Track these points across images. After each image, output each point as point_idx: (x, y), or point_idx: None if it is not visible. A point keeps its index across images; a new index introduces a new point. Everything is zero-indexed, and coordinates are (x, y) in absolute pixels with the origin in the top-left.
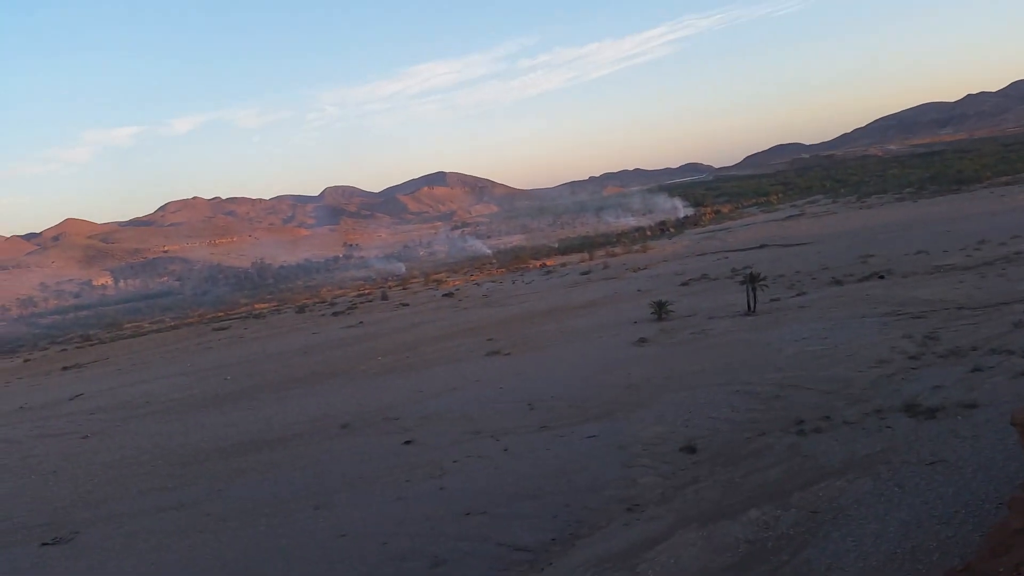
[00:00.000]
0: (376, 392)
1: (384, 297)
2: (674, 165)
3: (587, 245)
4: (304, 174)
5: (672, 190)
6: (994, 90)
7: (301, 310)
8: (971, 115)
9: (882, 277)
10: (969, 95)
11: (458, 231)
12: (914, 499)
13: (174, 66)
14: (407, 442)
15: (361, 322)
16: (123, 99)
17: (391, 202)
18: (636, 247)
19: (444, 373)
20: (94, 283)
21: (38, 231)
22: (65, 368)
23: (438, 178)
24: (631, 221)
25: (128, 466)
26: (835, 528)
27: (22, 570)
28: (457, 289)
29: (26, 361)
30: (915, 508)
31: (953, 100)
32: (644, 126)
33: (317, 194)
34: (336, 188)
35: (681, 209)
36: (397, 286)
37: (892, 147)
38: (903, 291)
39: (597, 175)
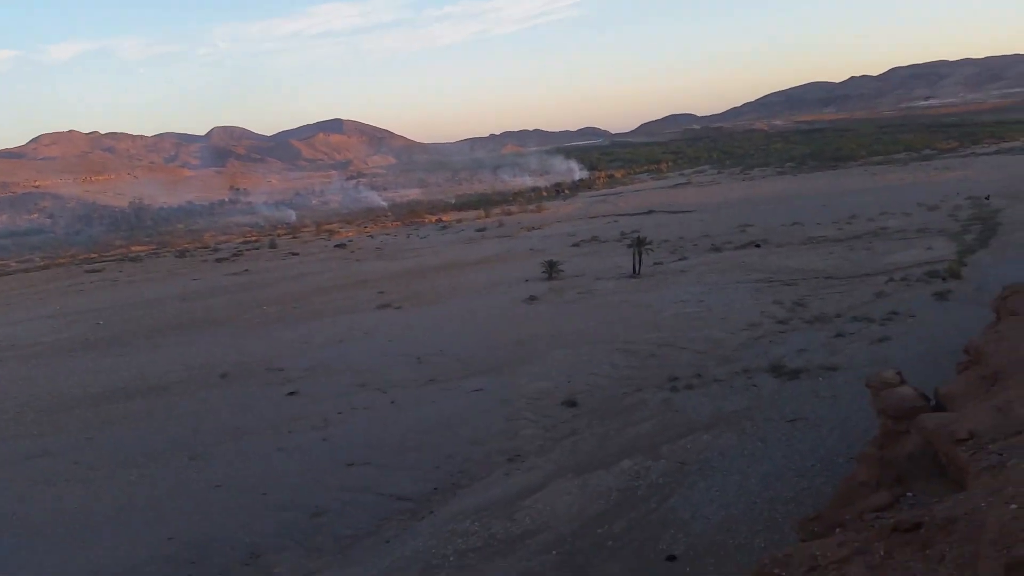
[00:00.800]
0: (260, 342)
1: (272, 245)
2: (573, 128)
3: (484, 203)
4: (190, 112)
5: (569, 153)
6: (875, 74)
7: (182, 255)
8: (853, 96)
9: (758, 246)
10: (852, 77)
11: (353, 181)
12: (775, 453)
13: None
14: (291, 393)
15: (247, 270)
16: None
17: (283, 147)
18: (531, 207)
19: (333, 325)
20: None
21: None
22: None
23: (335, 125)
24: (528, 181)
25: None
26: (701, 479)
27: None
28: (350, 240)
29: None
30: (775, 461)
31: (838, 81)
32: (545, 87)
33: (203, 134)
34: (224, 128)
35: (577, 172)
36: (287, 234)
37: (778, 123)
38: (777, 260)
39: (497, 133)
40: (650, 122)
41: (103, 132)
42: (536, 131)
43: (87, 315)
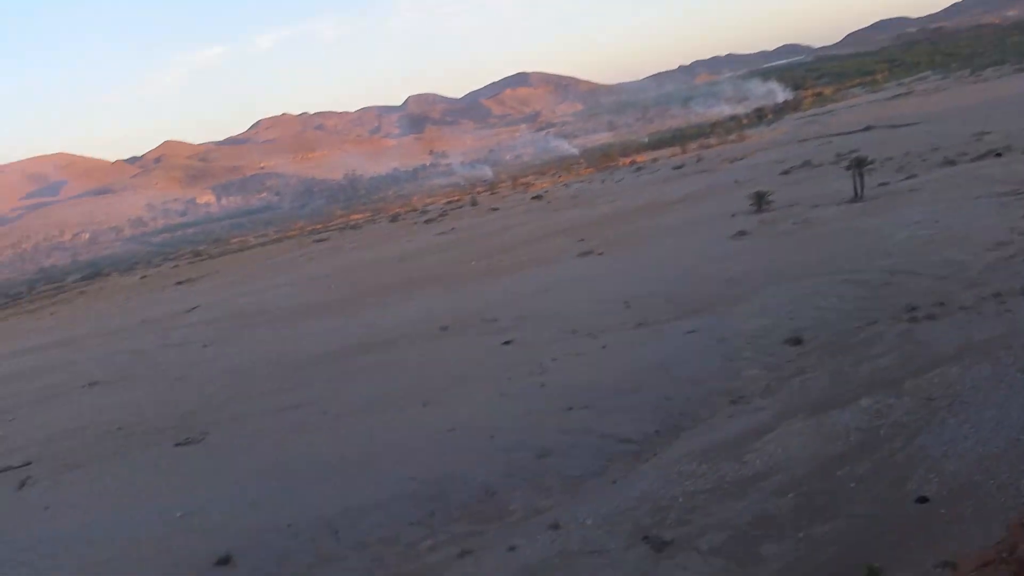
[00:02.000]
0: (472, 296)
1: (473, 203)
2: (770, 48)
3: (679, 138)
4: (386, 84)
5: (768, 74)
6: None
7: (394, 219)
8: None
9: (1000, 155)
10: None
11: (543, 132)
12: None
13: None
14: (506, 342)
15: (453, 228)
16: (206, 19)
17: (475, 107)
18: (731, 137)
19: (538, 275)
20: (198, 201)
21: (139, 154)
22: (179, 283)
23: (520, 79)
24: (725, 110)
25: (246, 371)
26: (951, 415)
27: (162, 468)
28: (545, 191)
29: (143, 278)
30: None
31: None
32: (736, 7)
33: (400, 103)
34: (418, 96)
35: (779, 94)
36: (485, 191)
37: (1011, 13)
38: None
39: (686, 64)
40: (857, 31)
41: (312, 112)
42: (729, 56)
43: (319, 280)
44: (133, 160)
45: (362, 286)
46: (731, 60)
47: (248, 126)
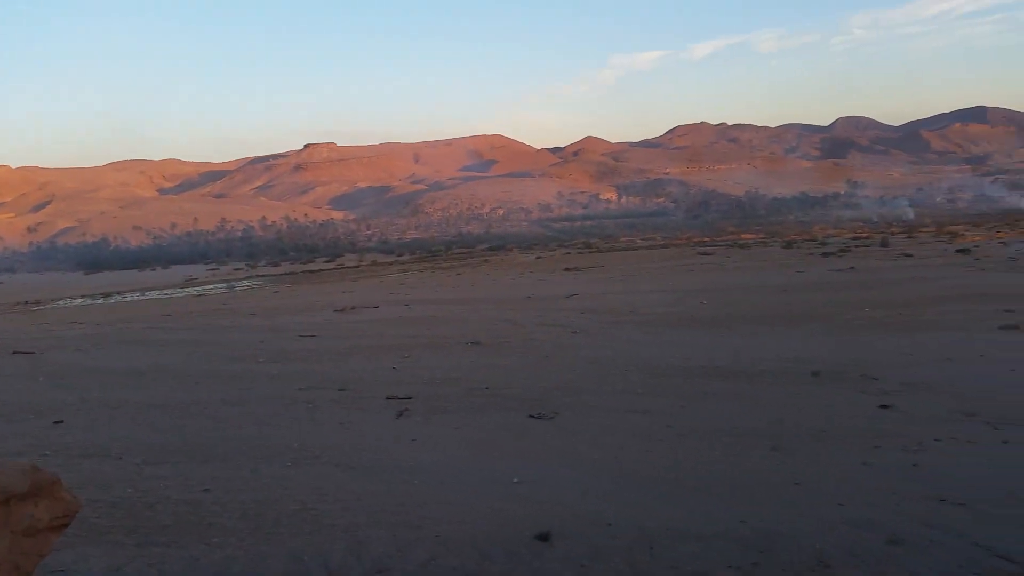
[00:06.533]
0: (857, 346)
1: (884, 243)
2: None
3: None
4: (817, 102)
5: None
6: None
7: (788, 245)
8: None
9: None
10: None
11: (991, 178)
12: None
13: None
14: (883, 406)
15: (852, 267)
16: (651, 25)
17: (911, 138)
18: None
19: (942, 339)
20: (600, 197)
21: (562, 145)
22: (567, 269)
23: (976, 113)
24: None
25: (605, 365)
26: None
27: (514, 432)
28: (976, 246)
29: (538, 258)
30: None
31: None
32: None
33: (827, 124)
34: (849, 119)
35: None
36: (902, 233)
37: None
38: None
39: None
40: None
41: (730, 123)
42: None
43: (693, 294)
44: (556, 150)
45: (735, 308)
46: None
47: (665, 130)
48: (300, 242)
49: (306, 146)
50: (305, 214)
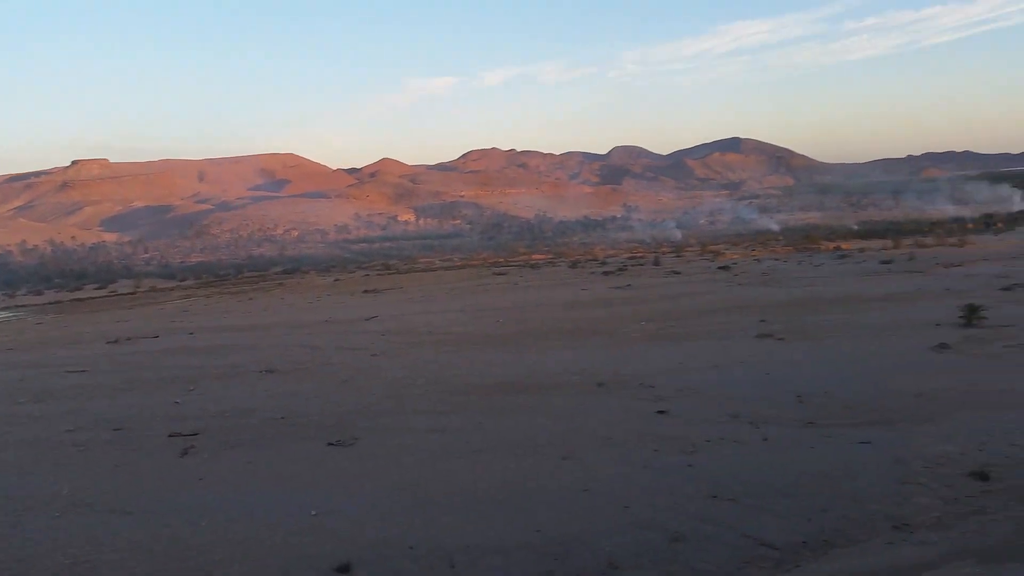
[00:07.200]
0: (635, 357)
1: (656, 262)
2: (1015, 150)
3: (893, 231)
4: (595, 132)
5: (1001, 179)
6: None
7: (574, 265)
8: None
9: None
10: None
11: (745, 202)
12: None
13: (490, 22)
14: (660, 411)
15: (629, 284)
16: (443, 52)
17: (677, 166)
18: (952, 240)
19: (708, 348)
20: (399, 218)
21: (359, 167)
22: (366, 291)
23: (732, 144)
24: (950, 210)
25: (406, 387)
26: None
27: (311, 463)
28: (734, 263)
29: (336, 281)
30: None
31: None
32: (980, 104)
33: (605, 152)
34: (624, 148)
35: (1019, 202)
36: (671, 252)
37: None
38: None
39: (916, 154)
40: None
41: (519, 149)
42: (966, 152)
43: (489, 313)
44: (352, 171)
45: (528, 325)
46: (968, 158)
47: (459, 155)
48: (67, 267)
49: (74, 162)
50: (73, 237)
